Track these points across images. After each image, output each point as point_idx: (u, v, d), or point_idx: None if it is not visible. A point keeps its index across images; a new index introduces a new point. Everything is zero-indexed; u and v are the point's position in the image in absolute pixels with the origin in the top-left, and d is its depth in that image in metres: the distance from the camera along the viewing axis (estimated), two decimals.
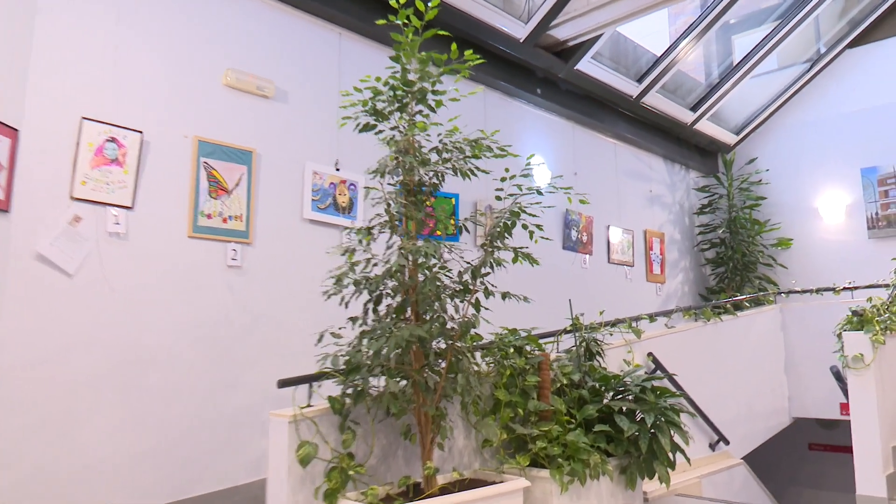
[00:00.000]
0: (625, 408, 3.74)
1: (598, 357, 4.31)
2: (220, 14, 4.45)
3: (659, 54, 7.63)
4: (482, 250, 3.33)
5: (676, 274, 8.95)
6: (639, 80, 7.69)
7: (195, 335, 4.10)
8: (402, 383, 3.14)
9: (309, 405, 3.09)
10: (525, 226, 3.34)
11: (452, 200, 5.77)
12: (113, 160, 3.82)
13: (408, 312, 3.18)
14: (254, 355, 4.35)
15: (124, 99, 3.93)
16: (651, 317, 5.78)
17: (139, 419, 3.81)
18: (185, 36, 4.26)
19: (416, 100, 3.23)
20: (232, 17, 4.51)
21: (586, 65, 6.87)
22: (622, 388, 3.94)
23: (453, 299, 3.25)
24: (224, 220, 4.29)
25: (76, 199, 3.69)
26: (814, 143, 9.09)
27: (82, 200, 3.71)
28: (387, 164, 3.16)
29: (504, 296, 3.30)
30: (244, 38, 4.56)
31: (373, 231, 3.22)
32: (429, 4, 3.10)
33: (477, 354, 3.64)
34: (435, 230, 3.40)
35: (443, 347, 3.23)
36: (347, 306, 3.18)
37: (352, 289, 3.15)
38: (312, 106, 4.91)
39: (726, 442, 6.08)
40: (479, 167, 3.30)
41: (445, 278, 3.24)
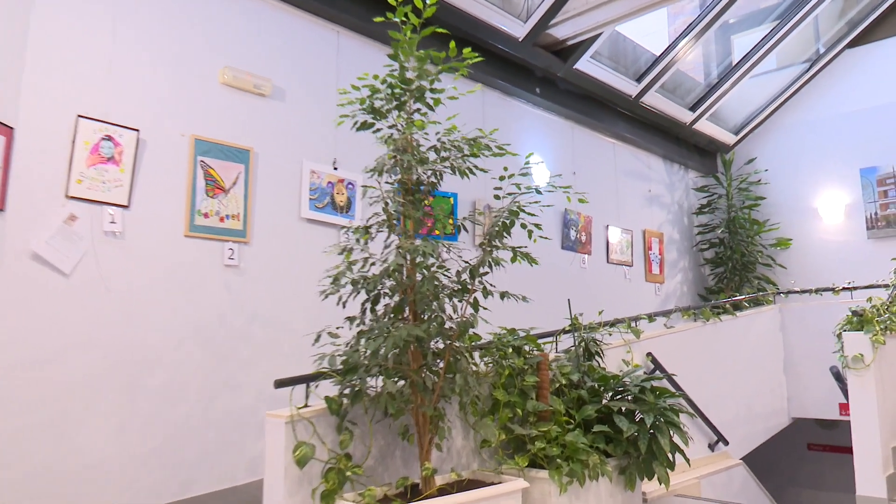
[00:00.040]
0: (624, 408, 3.72)
1: (597, 357, 4.30)
2: (217, 12, 4.42)
3: (658, 54, 7.61)
4: (481, 250, 3.31)
5: (675, 274, 8.94)
6: (638, 80, 7.68)
7: (192, 335, 4.07)
8: (400, 383, 3.13)
9: (306, 405, 3.07)
10: (524, 225, 3.32)
11: (451, 200, 5.75)
12: (109, 159, 3.80)
13: (406, 312, 3.16)
14: (251, 355, 4.33)
15: (120, 97, 3.91)
16: (650, 317, 5.76)
17: (136, 419, 3.78)
18: (182, 34, 4.23)
19: (415, 98, 3.21)
20: (229, 15, 4.48)
21: (585, 64, 6.86)
22: (621, 389, 3.92)
23: (451, 299, 3.23)
24: (221, 220, 4.27)
25: (72, 198, 3.66)
26: (813, 143, 9.09)
27: (78, 199, 3.68)
28: (385, 163, 3.14)
29: (503, 295, 3.28)
30: (241, 36, 4.53)
31: (370, 230, 3.20)
32: (427, 2, 3.08)
33: (475, 354, 3.62)
34: (433, 229, 3.38)
35: (441, 347, 3.21)
36: (345, 306, 3.16)
37: (349, 288, 3.13)
38: (310, 104, 4.89)
39: (725, 442, 6.07)
40: (478, 166, 3.28)
41: (444, 278, 3.22)
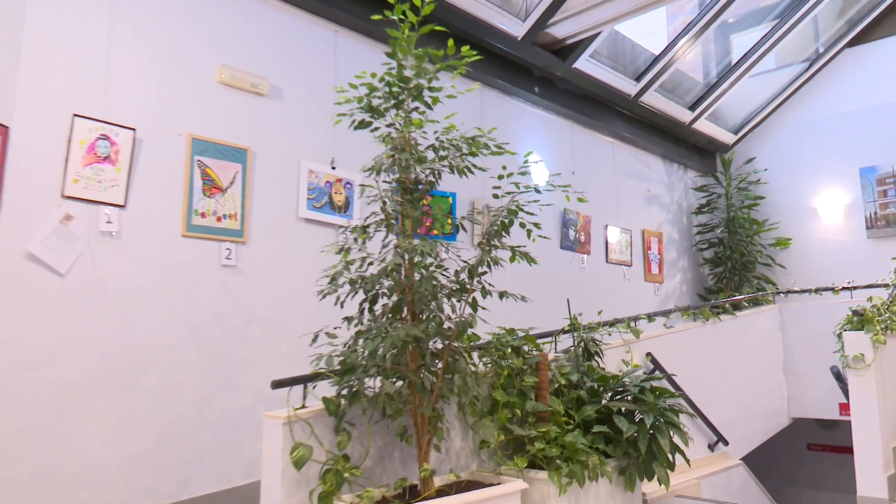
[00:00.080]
0: (623, 408, 3.70)
1: (597, 357, 4.28)
2: (214, 11, 4.40)
3: (657, 53, 7.59)
4: (479, 249, 3.29)
5: (675, 274, 8.92)
6: (637, 79, 7.66)
7: (189, 335, 4.05)
8: (398, 384, 3.10)
9: (303, 406, 3.05)
10: (523, 224, 3.30)
11: (449, 199, 5.73)
12: (105, 158, 3.77)
13: (404, 312, 3.14)
14: (249, 355, 4.31)
15: (116, 96, 3.88)
16: (649, 317, 5.74)
17: (133, 419, 3.76)
18: (179, 32, 4.21)
19: (413, 96, 3.19)
20: (226, 14, 4.46)
21: (584, 63, 6.84)
22: (621, 389, 3.90)
23: (450, 299, 3.21)
24: (218, 219, 4.24)
25: (68, 198, 3.64)
26: (812, 143, 9.07)
27: (74, 199, 3.66)
28: (383, 162, 3.12)
29: (501, 295, 3.26)
30: (238, 35, 4.51)
31: (368, 229, 3.18)
32: (425, 0, 3.06)
33: (474, 354, 3.60)
34: (432, 229, 3.36)
35: (439, 347, 3.19)
36: (343, 306, 3.14)
37: (347, 288, 3.11)
38: (308, 104, 4.86)
39: (725, 443, 6.05)
40: (476, 165, 3.26)
41: (442, 277, 3.20)
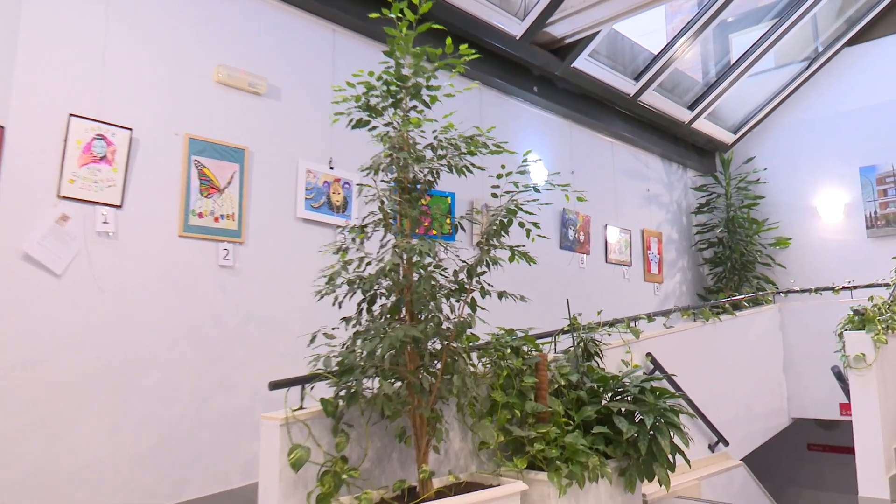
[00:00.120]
0: (623, 409, 3.68)
1: (597, 357, 4.25)
2: (211, 9, 4.38)
3: (656, 52, 7.58)
4: (478, 249, 3.27)
5: (674, 274, 8.90)
6: (636, 79, 7.64)
7: (186, 336, 4.02)
8: (397, 385, 3.08)
9: (301, 407, 3.02)
10: (522, 224, 3.28)
11: (448, 199, 5.71)
12: (101, 158, 3.75)
13: (402, 312, 3.11)
14: (246, 356, 4.28)
15: (113, 96, 3.86)
16: (649, 317, 5.72)
17: (129, 420, 3.74)
18: (176, 31, 4.19)
19: (411, 95, 3.17)
20: (223, 13, 4.44)
21: (583, 62, 6.82)
22: (621, 389, 3.88)
23: (449, 299, 3.18)
24: (216, 219, 4.22)
25: (64, 198, 3.61)
26: (812, 142, 9.05)
27: (70, 199, 3.63)
28: (381, 161, 3.10)
29: (500, 295, 3.24)
30: (235, 34, 4.49)
31: (366, 229, 3.16)
32: None
33: (473, 355, 3.57)
34: (430, 229, 3.34)
35: (438, 348, 3.17)
36: (341, 306, 3.12)
37: (345, 288, 3.08)
38: (306, 103, 4.84)
39: (725, 443, 6.03)
40: (475, 164, 3.24)
41: (441, 277, 3.18)
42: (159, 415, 3.86)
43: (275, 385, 3.08)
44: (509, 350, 3.77)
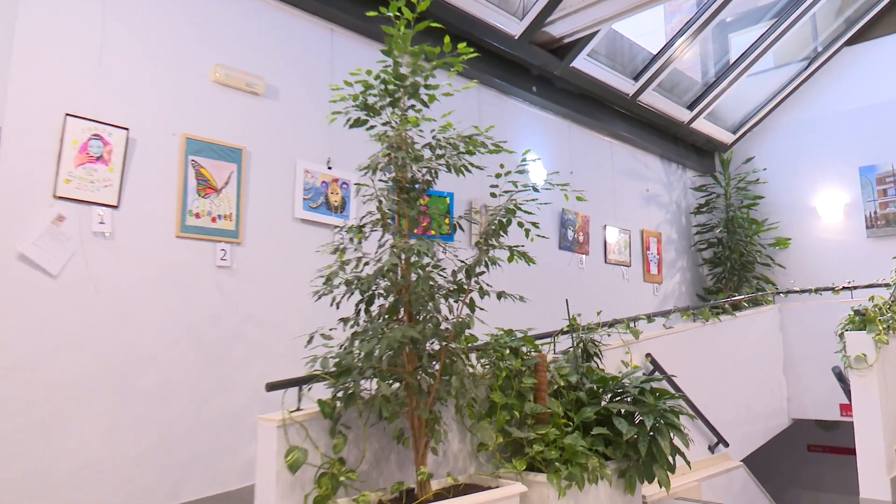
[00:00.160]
0: (623, 410, 3.66)
1: (596, 358, 4.23)
2: (208, 8, 4.35)
3: (655, 52, 7.56)
4: (477, 249, 3.25)
5: (674, 274, 8.88)
6: (635, 78, 7.62)
7: (184, 337, 4.00)
8: (395, 386, 3.06)
9: (298, 409, 3.00)
10: (521, 224, 3.26)
11: (447, 199, 5.68)
12: (98, 158, 3.73)
13: (401, 313, 3.09)
14: (244, 357, 4.26)
15: (109, 95, 3.83)
16: (649, 317, 5.70)
17: (127, 421, 3.71)
18: (173, 31, 4.16)
19: (409, 94, 3.15)
20: (220, 12, 4.41)
21: (582, 62, 6.80)
22: (620, 390, 3.86)
23: (447, 299, 3.16)
24: (213, 220, 4.19)
25: (60, 198, 3.59)
26: (811, 142, 9.04)
27: (66, 199, 3.61)
28: (378, 161, 3.08)
29: (499, 296, 3.22)
30: (233, 34, 4.47)
31: (364, 229, 3.14)
32: None
33: (472, 356, 3.56)
34: (429, 229, 3.31)
35: (436, 349, 3.15)
36: (339, 307, 3.10)
37: (343, 289, 3.06)
38: (304, 103, 4.82)
39: (725, 444, 6.01)
40: (473, 163, 3.22)
41: (439, 278, 3.16)
42: (157, 416, 3.83)
43: (272, 386, 3.06)
44: (508, 351, 3.74)
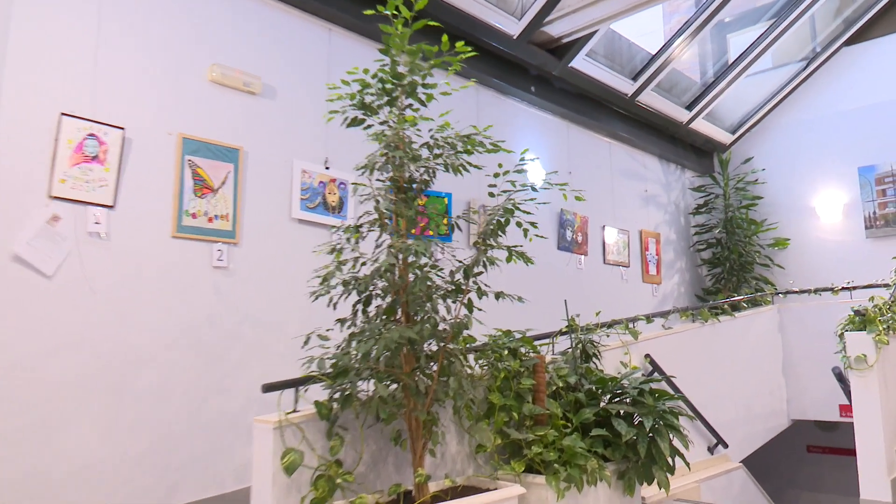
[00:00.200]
0: (622, 411, 3.64)
1: (595, 359, 4.21)
2: (205, 7, 4.33)
3: (654, 52, 7.55)
4: (475, 249, 3.23)
5: (672, 275, 8.87)
6: (634, 78, 7.60)
7: (180, 338, 3.97)
8: (392, 387, 3.03)
9: (295, 410, 2.98)
10: (519, 223, 3.23)
11: (445, 200, 5.66)
12: (93, 158, 3.70)
13: (398, 313, 3.07)
14: (241, 358, 4.23)
15: (105, 94, 3.81)
16: (648, 318, 5.68)
17: (122, 423, 3.68)
18: (169, 30, 4.14)
19: (406, 93, 3.12)
20: (217, 11, 4.39)
21: (581, 62, 6.78)
22: (619, 391, 3.84)
23: (445, 300, 3.14)
24: (210, 220, 4.17)
25: (55, 198, 3.56)
26: (810, 142, 9.03)
27: (61, 199, 3.58)
28: (376, 160, 3.06)
29: (498, 296, 3.20)
30: (230, 33, 4.44)
31: (361, 229, 3.12)
32: None
33: (470, 357, 3.53)
34: (427, 229, 3.29)
35: (434, 350, 3.12)
36: (336, 307, 3.07)
37: (340, 289, 3.04)
38: (301, 103, 4.80)
39: (725, 445, 5.98)
40: (472, 163, 3.19)
41: (437, 278, 3.13)
42: (154, 417, 3.80)
43: (268, 387, 3.03)
44: (506, 352, 3.72)
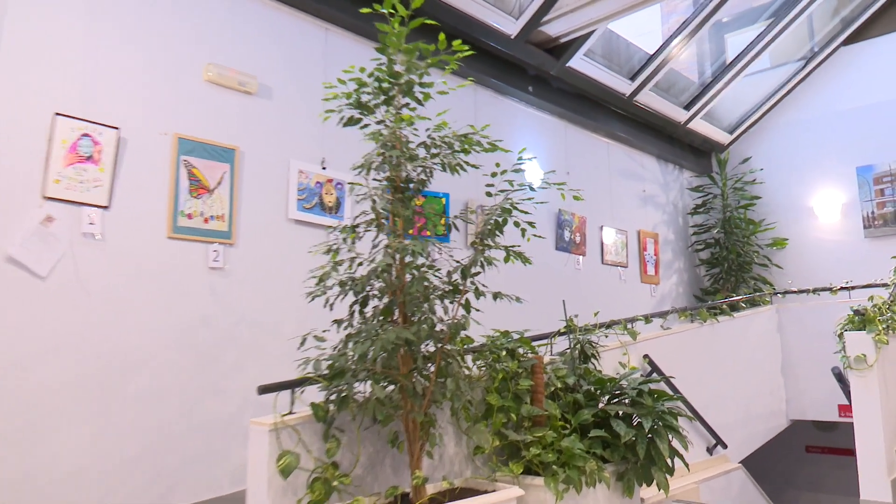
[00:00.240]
0: (621, 412, 3.62)
1: (593, 359, 4.19)
2: (200, 6, 4.30)
3: (652, 52, 7.53)
4: (472, 249, 3.20)
5: (671, 275, 8.85)
6: (632, 78, 7.59)
7: (175, 339, 3.94)
8: (389, 388, 3.00)
9: (291, 412, 2.95)
10: (517, 223, 3.21)
11: (443, 200, 5.64)
12: (88, 158, 3.67)
13: (395, 314, 3.04)
14: (237, 359, 4.21)
15: (99, 94, 3.78)
16: (646, 318, 5.66)
17: (117, 426, 3.65)
18: (164, 29, 4.11)
19: (403, 92, 3.10)
20: (212, 10, 4.36)
21: (579, 62, 6.76)
22: (618, 392, 3.82)
23: (442, 300, 3.11)
24: (205, 220, 4.14)
25: (49, 199, 3.53)
26: (808, 142, 9.02)
27: (55, 200, 3.55)
28: (372, 160, 3.03)
29: (495, 296, 3.17)
30: (225, 32, 4.42)
31: (358, 229, 3.09)
32: None
33: (467, 358, 3.51)
34: (424, 229, 3.27)
35: (432, 350, 3.10)
36: (332, 308, 3.04)
37: (337, 290, 3.01)
38: (297, 102, 4.77)
39: (724, 446, 5.97)
40: (469, 162, 3.17)
41: (434, 278, 3.11)
42: (149, 419, 3.78)
43: (264, 389, 3.01)
44: (504, 352, 3.69)
